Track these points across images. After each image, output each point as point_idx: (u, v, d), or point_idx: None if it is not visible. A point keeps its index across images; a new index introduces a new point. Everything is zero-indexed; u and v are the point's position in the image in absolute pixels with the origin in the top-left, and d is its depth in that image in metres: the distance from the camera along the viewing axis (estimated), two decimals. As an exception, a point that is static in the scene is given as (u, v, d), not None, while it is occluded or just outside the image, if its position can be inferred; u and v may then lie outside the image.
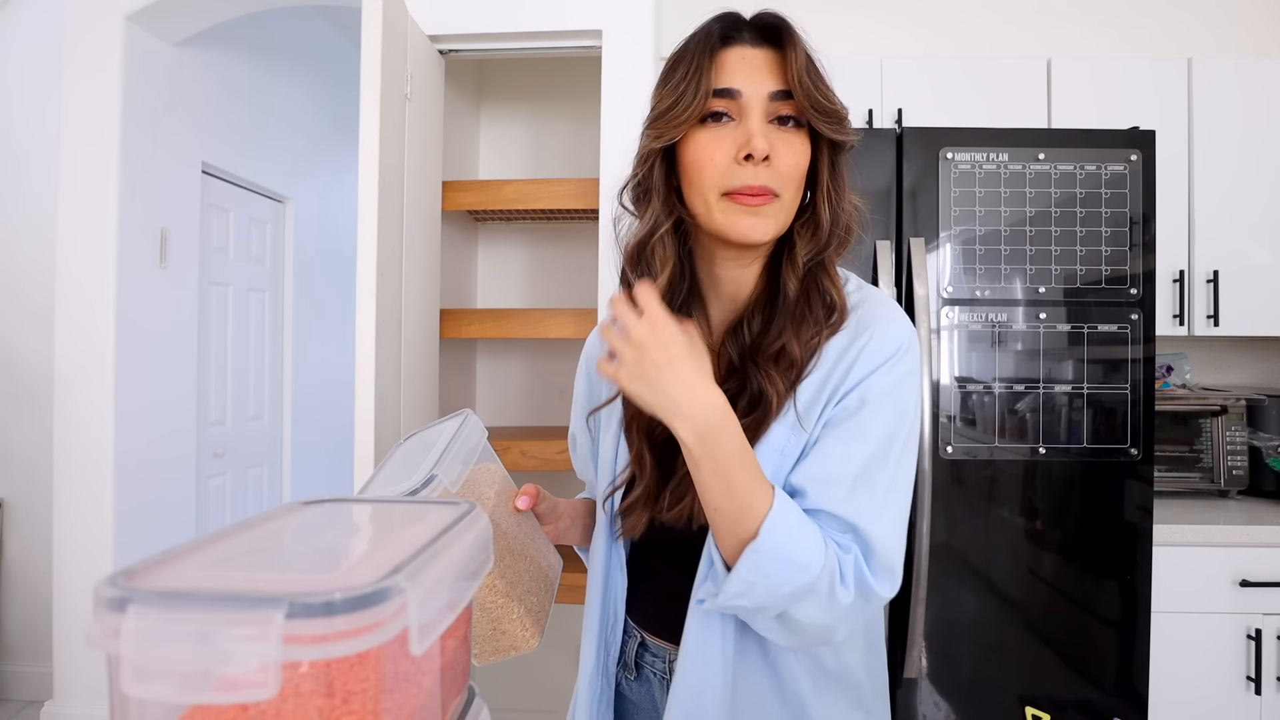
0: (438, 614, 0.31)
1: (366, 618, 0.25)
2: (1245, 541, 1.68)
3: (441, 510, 0.39)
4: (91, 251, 2.28)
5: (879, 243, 1.64)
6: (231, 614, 0.24)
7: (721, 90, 0.68)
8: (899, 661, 1.59)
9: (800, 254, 0.72)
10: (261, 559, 0.33)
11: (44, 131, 2.54)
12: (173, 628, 0.25)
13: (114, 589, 0.26)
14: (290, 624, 0.24)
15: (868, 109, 1.98)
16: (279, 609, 0.24)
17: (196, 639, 0.24)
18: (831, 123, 0.69)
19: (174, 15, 2.37)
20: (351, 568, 0.29)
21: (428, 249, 2.02)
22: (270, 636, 0.23)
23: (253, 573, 0.30)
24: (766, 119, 0.68)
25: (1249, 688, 1.67)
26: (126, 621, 0.25)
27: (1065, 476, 1.61)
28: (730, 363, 0.74)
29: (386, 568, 0.28)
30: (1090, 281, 1.61)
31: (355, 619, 0.25)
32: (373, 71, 1.66)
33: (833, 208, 0.72)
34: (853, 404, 0.68)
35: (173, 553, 0.31)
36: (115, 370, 2.29)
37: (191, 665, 0.25)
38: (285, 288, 3.35)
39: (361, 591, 0.25)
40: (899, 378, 0.69)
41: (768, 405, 0.69)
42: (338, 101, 3.58)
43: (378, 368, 1.68)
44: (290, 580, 0.28)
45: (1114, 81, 1.96)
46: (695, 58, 0.69)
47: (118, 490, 2.30)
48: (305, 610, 0.24)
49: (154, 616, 0.25)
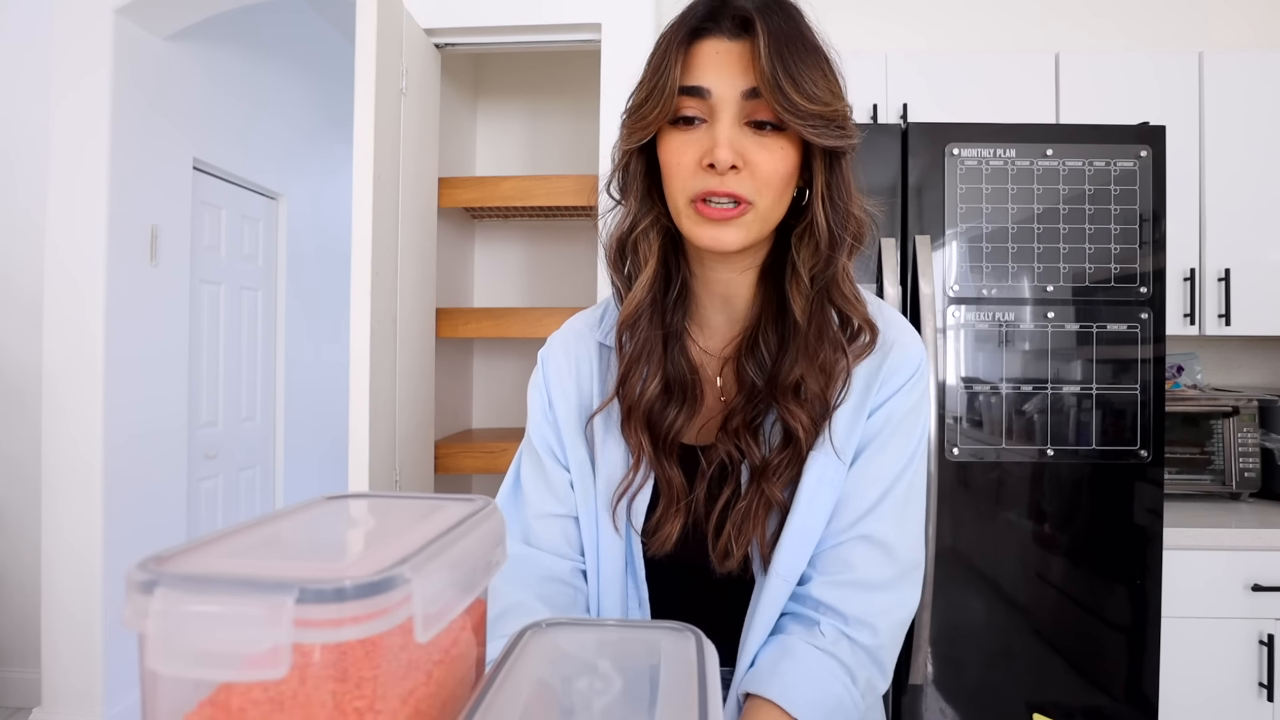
0: (445, 604, 0.33)
1: (373, 604, 0.27)
2: (1257, 545, 1.66)
3: (456, 505, 0.41)
4: (81, 249, 2.25)
5: (884, 240, 1.61)
6: (246, 598, 0.26)
7: (689, 88, 0.61)
8: (904, 668, 1.57)
9: (804, 270, 0.65)
10: (280, 549, 0.35)
11: (33, 127, 2.50)
12: (194, 609, 0.27)
13: (144, 573, 0.28)
14: (300, 609, 0.26)
15: (873, 104, 1.95)
16: (290, 594, 0.26)
17: (215, 620, 0.27)
18: (815, 125, 0.60)
19: (164, 8, 2.34)
20: (361, 558, 0.31)
21: (423, 247, 1.99)
22: (281, 620, 0.26)
23: (270, 560, 0.32)
24: (741, 121, 0.61)
25: (1261, 694, 1.65)
26: (154, 603, 0.27)
27: (1074, 479, 1.58)
28: (753, 386, 0.69)
29: (395, 558, 0.29)
30: (1099, 280, 1.58)
31: (362, 605, 0.27)
32: (367, 66, 1.63)
33: (829, 215, 0.64)
34: (877, 425, 0.68)
35: (200, 541, 0.33)
36: (105, 370, 2.25)
37: (210, 645, 0.27)
38: (278, 286, 3.31)
39: (368, 579, 0.27)
40: (919, 396, 0.70)
41: (798, 442, 0.65)
42: (332, 96, 3.54)
43: (372, 368, 1.65)
44: (303, 567, 0.29)
45: (1123, 76, 1.94)
46: (666, 50, 0.62)
47: (107, 492, 2.27)
48: (315, 596, 0.26)
49: (177, 599, 0.27)
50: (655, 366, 0.69)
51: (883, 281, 1.60)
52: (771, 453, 0.66)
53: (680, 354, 0.70)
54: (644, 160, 0.68)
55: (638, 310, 0.68)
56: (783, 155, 0.62)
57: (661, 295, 0.70)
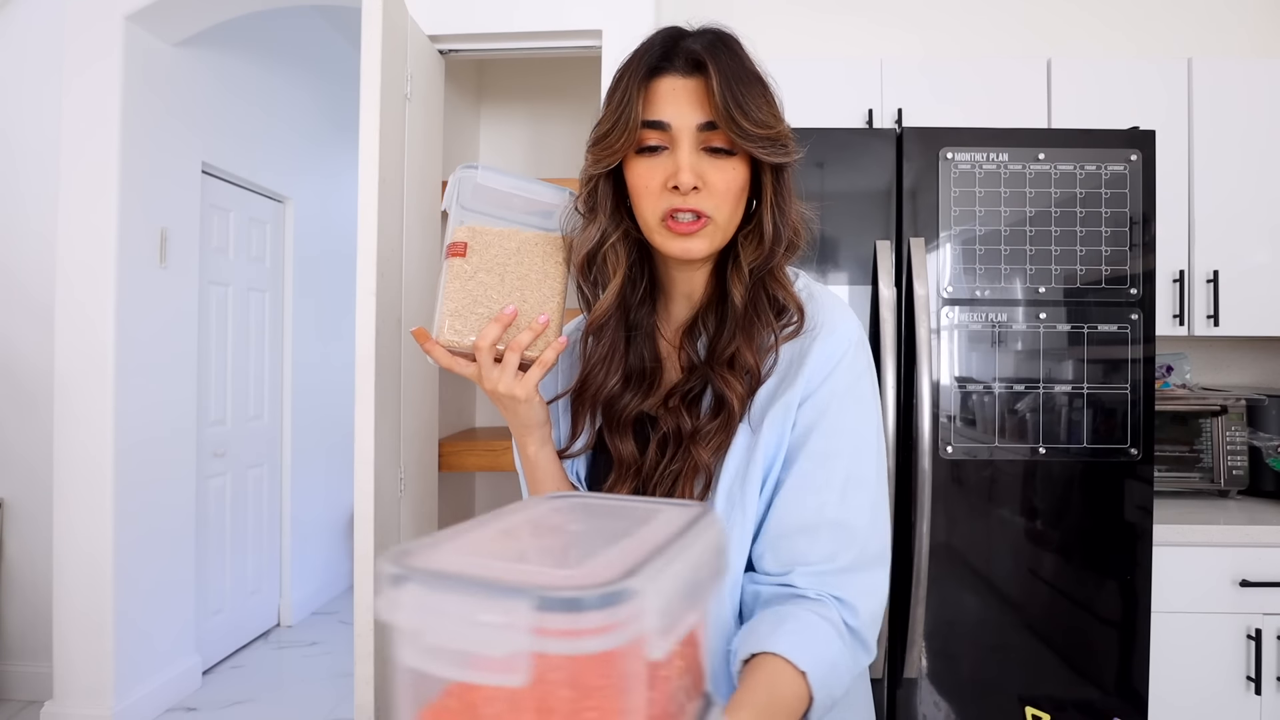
0: (676, 618, 0.33)
1: (610, 616, 0.27)
2: (1245, 541, 1.68)
3: (675, 511, 0.41)
4: (91, 252, 2.28)
5: (879, 243, 1.64)
6: (488, 601, 0.27)
7: (651, 122, 0.70)
8: (899, 661, 1.59)
9: (745, 263, 0.73)
10: (517, 550, 0.36)
11: (44, 132, 2.54)
12: (440, 606, 0.28)
13: (395, 567, 0.29)
14: (540, 616, 0.26)
15: (868, 109, 1.98)
16: (529, 600, 0.26)
17: (459, 620, 0.28)
18: (765, 147, 0.69)
19: (174, 15, 2.37)
20: (594, 566, 0.31)
21: (428, 249, 2.02)
22: (520, 626, 0.26)
23: (509, 564, 0.32)
24: (698, 148, 0.69)
25: (1249, 688, 1.67)
26: (404, 597, 0.28)
27: (1065, 476, 1.61)
28: (690, 361, 0.76)
29: (626, 567, 0.30)
30: (1090, 281, 1.61)
31: (599, 617, 0.26)
32: (373, 71, 1.66)
33: (777, 219, 0.73)
34: (819, 408, 0.70)
35: (438, 538, 0.35)
36: (115, 370, 2.29)
37: (453, 643, 0.28)
38: (285, 288, 3.35)
39: (606, 590, 0.27)
40: (855, 377, 0.72)
41: (730, 409, 0.71)
42: (338, 101, 3.58)
43: (378, 367, 1.68)
44: (540, 573, 0.30)
45: (1114, 81, 1.96)
46: (627, 87, 0.70)
47: (118, 490, 2.30)
48: (554, 604, 0.26)
49: (425, 595, 0.28)
50: (616, 364, 0.77)
51: (878, 283, 1.63)
52: (702, 420, 0.72)
53: (645, 344, 0.79)
54: (611, 182, 0.76)
55: (606, 315, 0.76)
56: (734, 174, 0.70)
57: (629, 297, 0.78)
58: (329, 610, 3.57)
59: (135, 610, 2.39)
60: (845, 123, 1.94)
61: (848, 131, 1.76)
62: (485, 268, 0.73)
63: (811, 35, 2.30)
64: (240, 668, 2.94)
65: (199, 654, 2.76)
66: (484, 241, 0.73)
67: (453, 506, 2.32)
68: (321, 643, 3.19)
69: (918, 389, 1.57)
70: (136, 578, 2.40)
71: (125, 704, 2.34)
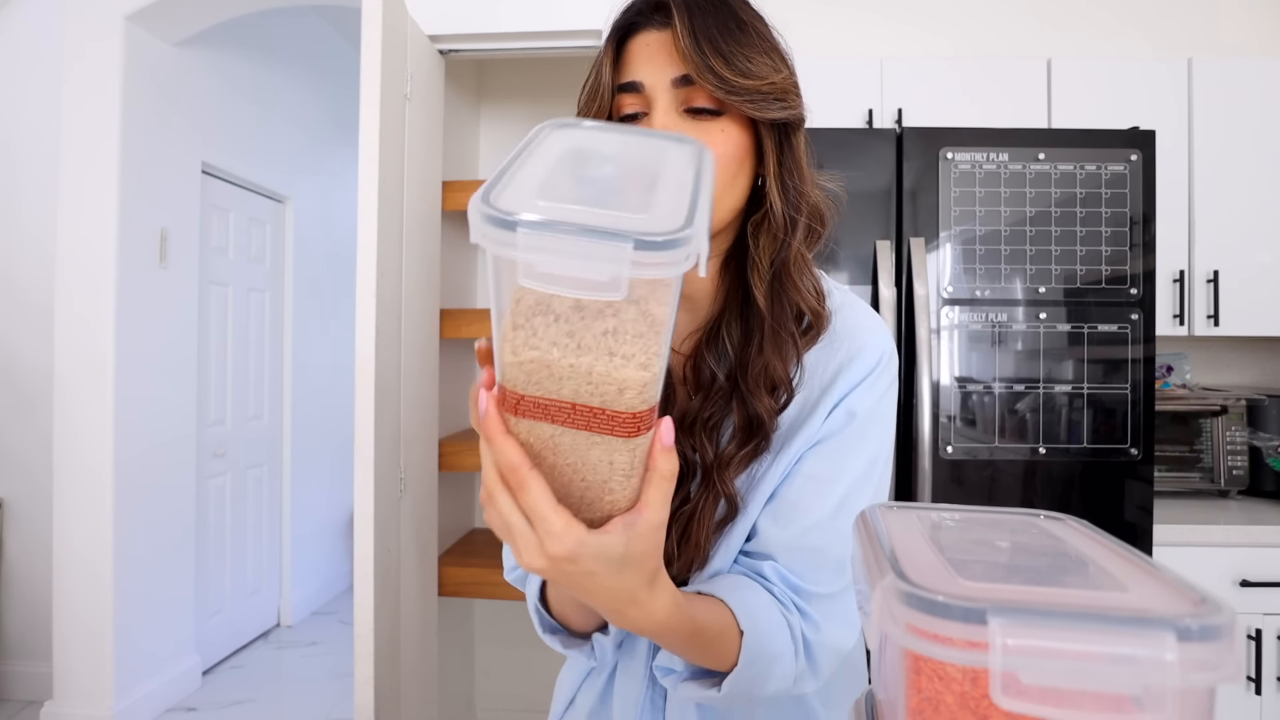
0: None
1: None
2: (1245, 542, 1.68)
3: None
4: (91, 252, 2.28)
5: (879, 243, 1.64)
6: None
7: (625, 85, 0.60)
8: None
9: (763, 255, 0.62)
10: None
11: (43, 131, 2.54)
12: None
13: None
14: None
15: (868, 109, 1.98)
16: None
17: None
18: (756, 100, 0.57)
19: (174, 15, 2.37)
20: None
21: (428, 249, 2.02)
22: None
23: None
24: (678, 109, 0.59)
25: (1249, 688, 1.67)
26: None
27: (1065, 476, 1.61)
28: (712, 376, 0.65)
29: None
30: (1090, 281, 1.61)
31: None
32: (372, 71, 1.66)
33: (784, 195, 0.61)
34: (839, 421, 0.63)
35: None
36: (115, 370, 2.29)
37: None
38: (285, 288, 3.35)
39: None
40: (882, 392, 0.64)
41: (764, 433, 0.61)
42: (338, 101, 3.58)
43: (378, 368, 1.68)
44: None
45: (1114, 81, 1.96)
46: (604, 50, 0.62)
47: (117, 490, 2.30)
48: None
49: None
50: None
51: (878, 283, 1.63)
52: (727, 446, 0.63)
53: None
54: None
55: None
56: (724, 138, 0.59)
57: None
58: (329, 610, 3.57)
59: (135, 610, 2.39)
60: (845, 123, 1.94)
61: (847, 131, 1.76)
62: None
63: (811, 35, 2.30)
64: (240, 668, 2.94)
65: (199, 654, 2.77)
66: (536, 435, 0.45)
67: (453, 506, 2.32)
68: (321, 643, 3.19)
69: (918, 389, 1.57)
70: (136, 578, 2.40)
71: (125, 704, 2.34)
